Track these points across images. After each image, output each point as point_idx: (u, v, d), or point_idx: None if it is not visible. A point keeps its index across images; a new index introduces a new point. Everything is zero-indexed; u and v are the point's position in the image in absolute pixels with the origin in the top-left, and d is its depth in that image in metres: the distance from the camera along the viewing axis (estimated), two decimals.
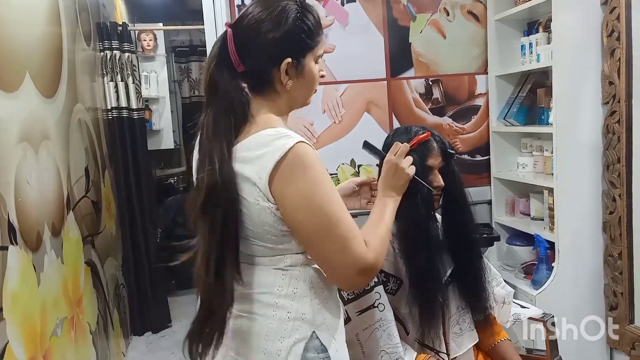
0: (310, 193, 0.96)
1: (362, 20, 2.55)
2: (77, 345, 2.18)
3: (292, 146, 0.95)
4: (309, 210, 0.96)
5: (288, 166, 0.95)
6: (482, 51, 2.63)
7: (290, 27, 1.01)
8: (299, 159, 0.95)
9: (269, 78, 1.04)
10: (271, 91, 1.06)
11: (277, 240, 1.01)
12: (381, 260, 1.02)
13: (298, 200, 0.96)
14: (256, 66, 1.04)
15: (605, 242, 2.14)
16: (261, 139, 0.98)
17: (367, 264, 0.98)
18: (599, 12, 2.06)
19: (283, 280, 1.03)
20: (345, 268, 0.98)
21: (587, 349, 2.11)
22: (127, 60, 3.28)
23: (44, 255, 1.89)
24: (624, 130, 2.00)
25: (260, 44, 1.02)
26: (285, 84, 1.04)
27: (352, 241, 0.97)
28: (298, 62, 1.04)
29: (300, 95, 1.09)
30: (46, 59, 2.18)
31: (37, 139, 1.95)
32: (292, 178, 0.95)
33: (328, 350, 1.03)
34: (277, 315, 1.02)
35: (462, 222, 1.45)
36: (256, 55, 1.03)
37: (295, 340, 1.01)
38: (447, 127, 2.65)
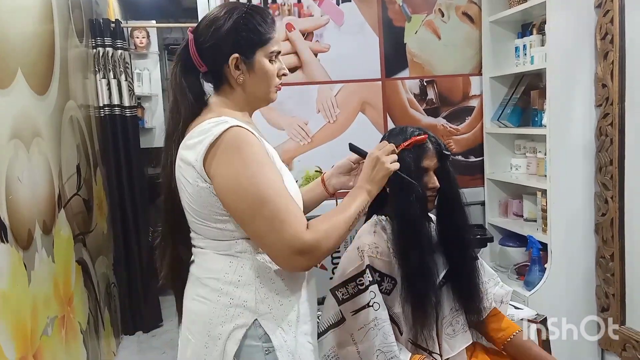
0: (237, 174, 1.01)
1: (357, 20, 2.55)
2: (67, 345, 2.16)
3: (225, 129, 1.02)
4: (236, 191, 1.01)
5: (219, 148, 1.01)
6: (477, 52, 2.63)
7: (235, 23, 1.09)
8: (229, 141, 1.01)
9: (223, 74, 1.13)
10: (227, 87, 1.14)
11: (219, 220, 1.07)
12: (325, 244, 1.03)
13: (227, 181, 1.02)
14: (211, 63, 1.12)
15: (598, 244, 2.16)
16: (203, 126, 1.05)
17: (303, 244, 1.00)
18: (592, 15, 2.07)
19: (230, 267, 1.08)
20: (279, 248, 1.01)
21: (579, 350, 2.12)
22: (119, 58, 3.25)
23: (35, 253, 1.87)
24: (617, 132, 2.01)
25: (212, 42, 1.10)
26: (237, 79, 1.11)
27: (283, 222, 1.00)
28: (247, 58, 1.11)
29: (255, 90, 1.15)
30: (38, 56, 2.16)
31: (29, 136, 1.93)
32: (222, 160, 1.01)
33: (272, 340, 1.06)
34: (221, 301, 1.07)
35: (457, 223, 1.45)
36: (209, 54, 1.11)
37: (235, 326, 1.06)
38: (442, 128, 2.65)
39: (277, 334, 1.07)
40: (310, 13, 2.52)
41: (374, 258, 1.40)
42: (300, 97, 2.52)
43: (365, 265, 1.39)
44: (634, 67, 1.97)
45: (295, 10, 2.51)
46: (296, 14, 2.51)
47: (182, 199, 1.11)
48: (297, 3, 2.51)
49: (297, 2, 2.51)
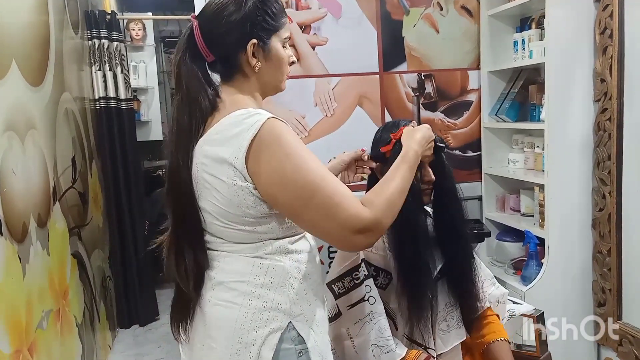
0: (282, 167, 0.95)
1: (355, 13, 2.53)
2: (63, 338, 2.15)
3: (263, 122, 0.96)
4: (283, 185, 0.96)
5: (260, 143, 0.95)
6: (475, 46, 2.62)
7: (251, 8, 1.04)
8: (270, 134, 0.96)
9: (237, 62, 1.06)
10: (240, 76, 1.08)
11: (256, 222, 1.01)
12: (384, 216, 0.99)
13: (272, 176, 0.96)
14: (223, 52, 1.05)
15: (595, 239, 2.16)
16: (232, 119, 0.99)
17: (363, 222, 0.95)
18: (592, 10, 2.06)
19: (260, 269, 1.02)
20: (339, 232, 0.96)
21: (575, 345, 2.12)
22: (115, 50, 3.23)
23: (30, 246, 1.86)
24: (615, 127, 2.00)
25: (225, 29, 1.03)
26: (254, 66, 1.06)
27: (337, 206, 0.95)
28: (264, 44, 1.06)
29: (270, 78, 1.10)
30: (33, 47, 2.13)
31: (23, 128, 1.91)
32: (265, 155, 0.95)
33: (306, 342, 1.03)
34: (253, 305, 1.01)
35: (453, 216, 1.44)
36: (222, 41, 1.04)
37: (271, 330, 1.01)
38: (439, 123, 2.65)
39: (310, 335, 1.04)
40: (307, 6, 2.50)
41: (369, 252, 1.40)
42: (298, 91, 2.51)
43: (360, 259, 1.38)
44: (633, 62, 1.96)
45: (293, 3, 2.49)
46: (294, 7, 2.49)
47: (202, 200, 1.03)
48: None
49: None
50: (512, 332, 1.69)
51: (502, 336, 1.49)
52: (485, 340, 1.49)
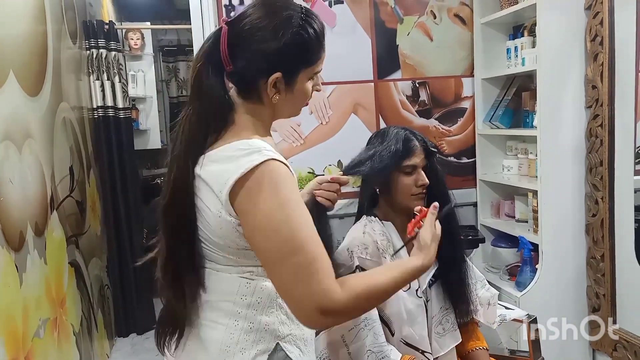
0: (271, 214, 0.89)
1: (349, 21, 2.55)
2: (60, 347, 2.15)
3: (260, 163, 0.90)
4: (267, 232, 0.89)
5: (253, 183, 0.90)
6: (469, 54, 2.65)
7: (288, 42, 0.95)
8: (265, 177, 0.90)
9: (256, 87, 0.99)
10: (256, 99, 1.01)
11: (240, 253, 0.97)
12: (355, 309, 0.92)
13: (258, 221, 0.90)
14: (245, 71, 0.98)
15: (588, 245, 2.17)
16: (231, 151, 0.94)
17: (329, 303, 0.86)
18: (582, 17, 2.09)
19: (247, 289, 0.98)
20: (303, 302, 0.88)
21: (569, 351, 2.13)
22: (113, 59, 3.25)
23: (27, 255, 1.87)
24: (607, 133, 2.02)
25: (254, 50, 0.96)
26: (272, 98, 0.99)
27: (314, 274, 0.87)
28: (289, 78, 0.98)
29: (286, 110, 1.04)
30: (31, 57, 2.16)
31: (21, 137, 1.93)
32: (256, 196, 0.90)
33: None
34: (239, 326, 0.98)
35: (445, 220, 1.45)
36: (247, 61, 0.97)
37: (258, 352, 0.97)
38: (434, 130, 2.67)
39: (298, 355, 1.01)
40: None
41: (363, 259, 1.41)
42: None
43: (355, 265, 1.40)
44: (623, 68, 1.99)
45: None
46: None
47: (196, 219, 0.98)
48: None
49: None
50: (505, 337, 1.71)
51: (482, 345, 1.52)
52: (466, 348, 1.52)
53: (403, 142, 1.42)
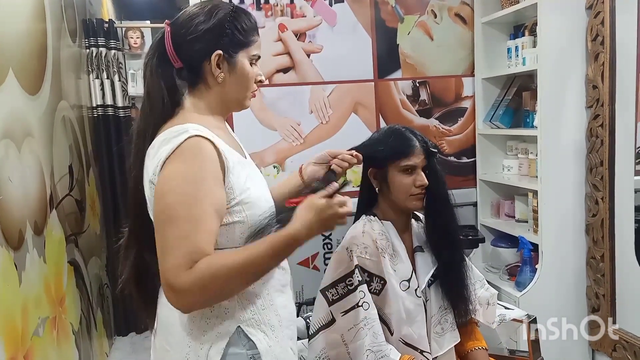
0: (166, 181, 0.96)
1: (350, 20, 2.55)
2: (59, 346, 2.15)
3: (182, 141, 0.97)
4: (158, 196, 0.97)
5: (173, 157, 0.97)
6: (469, 53, 2.65)
7: (221, 20, 1.07)
8: (181, 150, 0.96)
9: (201, 71, 1.08)
10: (203, 86, 1.09)
11: None
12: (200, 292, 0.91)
13: (158, 185, 0.97)
14: (189, 59, 1.07)
15: (588, 245, 2.17)
16: (165, 135, 1.00)
17: (174, 281, 0.91)
18: (583, 17, 2.09)
19: None
20: (162, 275, 0.93)
21: (569, 351, 2.13)
22: (113, 58, 3.25)
23: (26, 254, 1.87)
24: (607, 133, 2.02)
25: (193, 36, 1.06)
26: (217, 77, 1.07)
27: (171, 249, 0.92)
28: (230, 57, 1.08)
29: (233, 92, 1.11)
30: (30, 56, 2.15)
31: (20, 136, 1.92)
32: (166, 168, 0.97)
33: (257, 347, 1.03)
34: (201, 310, 1.02)
35: (446, 221, 1.46)
36: (189, 48, 1.07)
37: (218, 334, 1.02)
38: (434, 129, 2.66)
39: (262, 339, 1.04)
40: (302, 14, 2.52)
41: (362, 258, 1.41)
42: (293, 98, 2.53)
43: (354, 265, 1.39)
44: (624, 68, 1.99)
45: (288, 11, 2.51)
46: (289, 15, 2.51)
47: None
48: (290, 4, 2.51)
49: (289, 3, 2.51)
50: (505, 337, 1.71)
51: (481, 345, 1.52)
52: (465, 348, 1.52)
53: (403, 139, 1.42)
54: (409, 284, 1.43)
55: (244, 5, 2.48)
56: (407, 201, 1.43)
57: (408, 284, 1.42)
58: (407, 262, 1.45)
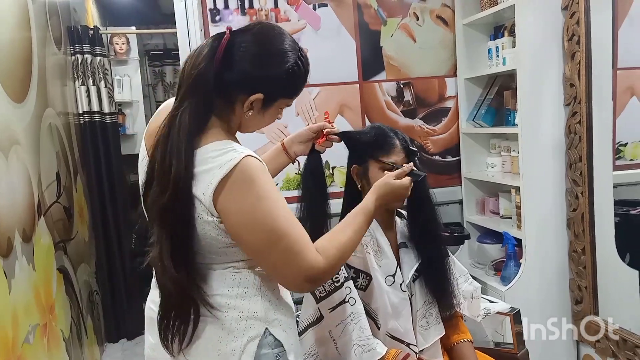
0: (253, 209, 0.96)
1: (333, 24, 2.59)
2: (50, 353, 2.15)
3: (238, 161, 0.96)
4: (251, 226, 0.97)
5: (232, 182, 0.95)
6: (451, 55, 2.69)
7: (280, 73, 1.04)
8: (243, 174, 0.96)
9: (234, 98, 1.05)
10: (228, 109, 1.06)
11: (220, 252, 1.04)
12: (335, 269, 1.06)
13: (241, 217, 0.97)
14: (229, 81, 1.03)
15: (570, 238, 2.22)
16: (208, 153, 0.99)
17: (315, 273, 1.00)
18: (559, 17, 2.14)
19: (233, 281, 1.05)
20: (294, 277, 1.01)
21: (553, 342, 2.17)
22: (98, 64, 3.26)
23: (15, 261, 1.87)
24: (585, 130, 2.07)
25: (247, 67, 1.02)
26: (245, 113, 1.06)
27: (298, 254, 0.98)
28: (267, 103, 1.06)
29: (251, 126, 1.12)
30: (15, 64, 2.16)
31: (7, 144, 1.93)
32: (236, 194, 0.96)
33: (283, 345, 1.07)
34: (230, 316, 1.03)
35: (427, 219, 1.49)
36: (236, 73, 1.02)
37: (249, 338, 1.03)
38: (419, 129, 2.71)
39: (285, 338, 1.08)
40: (287, 18, 2.55)
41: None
42: None
43: None
44: (600, 66, 2.04)
45: (273, 15, 2.54)
46: (273, 19, 2.54)
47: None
48: (274, 8, 2.54)
49: (274, 7, 2.54)
50: (490, 330, 1.74)
51: (466, 337, 1.56)
52: (451, 341, 1.55)
53: (384, 136, 1.46)
54: (394, 278, 1.46)
55: (228, 10, 2.51)
56: None
57: (393, 279, 1.46)
58: (391, 258, 1.48)
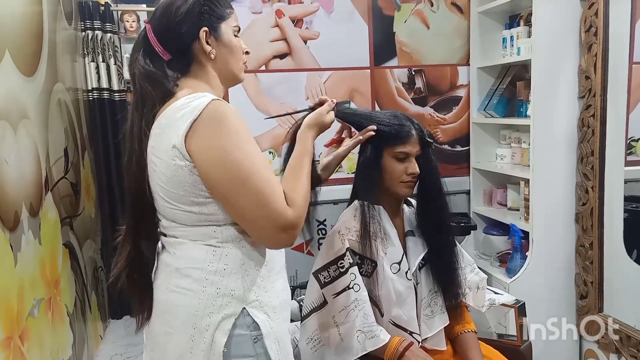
0: (222, 147, 0.98)
1: (347, 8, 2.56)
2: (54, 327, 2.17)
3: (207, 103, 0.99)
4: (220, 164, 0.98)
5: (202, 123, 0.98)
6: (465, 43, 2.66)
7: (196, 1, 1.09)
8: (212, 114, 0.98)
9: (192, 53, 1.11)
10: (197, 67, 1.12)
11: (200, 203, 1.03)
12: (303, 216, 1.04)
13: (210, 155, 0.98)
14: (177, 46, 1.09)
15: (577, 233, 2.20)
16: (180, 102, 1.02)
17: (288, 221, 0.99)
18: (577, 8, 2.10)
19: (214, 256, 1.05)
20: (264, 225, 0.99)
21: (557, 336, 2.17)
22: (109, 41, 3.24)
23: (22, 235, 1.88)
24: (599, 124, 2.05)
25: (175, 22, 1.08)
26: (209, 53, 1.10)
27: (269, 196, 0.98)
28: (215, 31, 1.11)
29: (227, 66, 1.14)
30: (26, 38, 2.15)
31: (16, 118, 1.93)
32: (205, 133, 0.98)
33: (261, 328, 1.05)
34: (207, 291, 1.03)
35: (436, 209, 1.48)
36: (174, 35, 1.09)
37: (224, 316, 1.03)
38: (429, 117, 2.68)
39: (265, 320, 1.06)
40: (300, 0, 2.52)
41: (354, 241, 1.44)
42: (289, 84, 2.53)
43: (345, 248, 1.42)
44: (616, 59, 2.00)
45: None
46: (286, 1, 2.51)
47: (152, 184, 1.08)
48: None
49: None
50: (494, 321, 1.74)
51: (470, 328, 1.56)
52: (455, 330, 1.55)
53: (402, 126, 1.43)
54: (400, 266, 1.45)
55: None
56: (398, 187, 1.45)
57: (399, 266, 1.45)
58: (398, 246, 1.47)
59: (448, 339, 1.56)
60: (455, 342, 1.56)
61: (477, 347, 1.53)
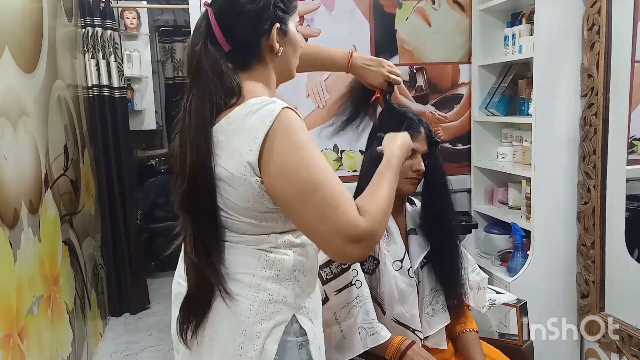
0: (287, 158, 0.93)
1: (348, 5, 2.54)
2: (53, 324, 2.17)
3: (278, 112, 0.93)
4: (286, 176, 0.93)
5: (274, 135, 0.93)
6: (466, 41, 2.65)
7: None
8: (284, 125, 0.93)
9: (258, 50, 1.03)
10: (258, 64, 1.05)
11: (261, 217, 0.99)
12: (380, 227, 0.96)
13: (276, 166, 0.93)
14: (244, 39, 1.02)
15: (579, 232, 2.19)
16: (247, 108, 0.96)
17: (358, 232, 0.91)
18: (580, 6, 2.09)
19: (266, 261, 1.01)
20: (333, 237, 0.92)
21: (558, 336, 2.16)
22: (109, 38, 3.23)
23: (21, 232, 1.88)
24: (601, 122, 2.04)
25: (246, 16, 1.01)
26: (277, 52, 1.04)
27: (336, 209, 0.91)
28: (285, 27, 1.05)
29: (287, 64, 1.10)
30: (26, 34, 2.14)
31: (16, 114, 1.92)
32: (277, 147, 0.93)
33: (307, 334, 1.03)
34: (259, 297, 1.00)
35: (441, 208, 1.48)
36: (243, 29, 1.01)
37: (276, 322, 1.00)
38: (430, 115, 2.67)
39: (310, 327, 1.04)
40: None
41: None
42: (290, 82, 2.48)
43: None
44: (619, 58, 1.99)
45: None
46: None
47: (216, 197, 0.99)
48: None
49: None
50: (495, 321, 1.74)
51: (472, 327, 1.55)
52: (456, 330, 1.55)
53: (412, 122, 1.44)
54: (402, 264, 1.45)
55: None
56: (402, 183, 1.44)
57: (401, 264, 1.45)
58: (400, 244, 1.47)
59: (449, 338, 1.56)
60: (457, 341, 1.55)
61: (479, 346, 1.53)
